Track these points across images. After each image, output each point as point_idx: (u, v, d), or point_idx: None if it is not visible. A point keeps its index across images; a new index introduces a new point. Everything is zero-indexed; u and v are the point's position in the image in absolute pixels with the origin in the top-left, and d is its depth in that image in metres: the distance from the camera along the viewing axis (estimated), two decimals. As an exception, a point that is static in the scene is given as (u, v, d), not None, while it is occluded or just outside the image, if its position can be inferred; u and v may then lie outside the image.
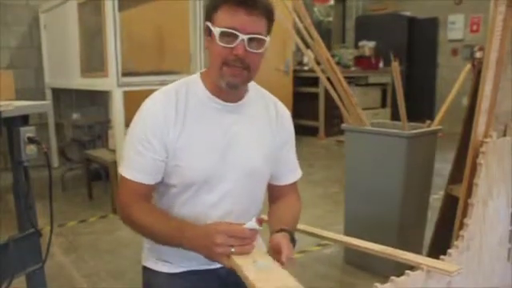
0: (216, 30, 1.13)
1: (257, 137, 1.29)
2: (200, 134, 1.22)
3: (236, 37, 1.12)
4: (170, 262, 1.33)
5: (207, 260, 1.23)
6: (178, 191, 1.25)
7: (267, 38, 1.16)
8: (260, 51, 1.16)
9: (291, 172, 1.41)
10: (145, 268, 1.39)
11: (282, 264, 1.07)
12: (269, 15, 1.16)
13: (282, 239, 1.14)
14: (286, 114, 1.40)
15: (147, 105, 1.23)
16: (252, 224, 1.06)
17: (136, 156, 1.21)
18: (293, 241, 1.19)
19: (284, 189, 1.40)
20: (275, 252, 1.11)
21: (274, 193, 1.42)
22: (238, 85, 1.20)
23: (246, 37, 1.12)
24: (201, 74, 1.29)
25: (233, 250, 1.06)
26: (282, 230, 1.19)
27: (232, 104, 1.25)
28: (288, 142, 1.38)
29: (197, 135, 1.21)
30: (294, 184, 1.43)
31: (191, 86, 1.26)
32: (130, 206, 1.21)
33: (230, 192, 1.26)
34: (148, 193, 1.24)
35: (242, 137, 1.26)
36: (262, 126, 1.31)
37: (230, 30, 1.12)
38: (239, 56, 1.13)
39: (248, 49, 1.13)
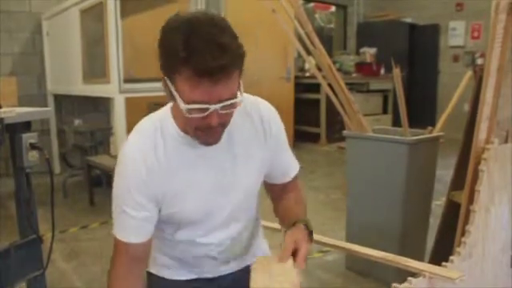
0: (181, 104, 0.98)
1: (246, 157, 1.21)
2: (190, 177, 1.15)
3: (206, 109, 0.98)
4: (173, 269, 1.32)
5: (210, 270, 1.25)
6: (173, 231, 1.24)
7: (241, 97, 1.02)
8: (234, 110, 1.04)
9: (287, 169, 1.36)
10: (149, 274, 1.37)
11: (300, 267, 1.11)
12: (239, 66, 1.00)
13: (299, 236, 1.16)
14: (272, 114, 1.27)
15: (126, 159, 1.12)
16: None
17: (125, 217, 1.13)
18: (310, 234, 1.21)
19: (283, 185, 1.37)
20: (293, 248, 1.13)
21: (275, 192, 1.38)
22: (215, 142, 1.10)
23: (217, 106, 0.98)
24: (171, 109, 1.16)
25: None
26: (297, 222, 1.20)
27: None
28: (278, 143, 1.30)
29: (187, 179, 1.14)
30: (294, 178, 1.38)
31: (164, 128, 1.14)
32: (117, 278, 1.16)
33: (228, 219, 1.24)
34: (140, 252, 1.17)
35: (233, 164, 1.19)
36: (249, 143, 1.22)
37: (198, 106, 0.98)
38: (213, 125, 1.02)
39: (221, 112, 1.00)
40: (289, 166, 1.36)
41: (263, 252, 1.41)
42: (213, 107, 0.98)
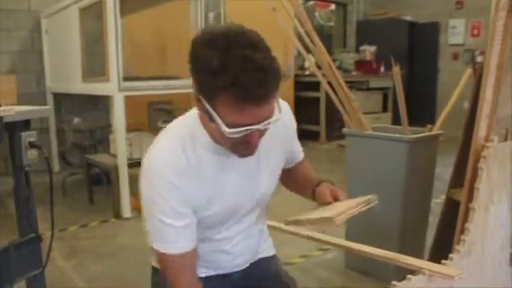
0: (222, 127, 0.97)
1: (268, 159, 1.24)
2: (217, 181, 1.15)
3: (248, 129, 0.98)
4: None
5: (221, 266, 1.25)
6: (203, 228, 1.23)
7: (280, 114, 1.03)
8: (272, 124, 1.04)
9: (297, 155, 1.43)
10: (156, 270, 1.36)
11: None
12: (279, 83, 0.98)
13: (331, 188, 1.30)
14: (287, 111, 1.29)
15: (157, 166, 1.09)
16: None
17: (168, 228, 1.10)
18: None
19: (294, 166, 1.44)
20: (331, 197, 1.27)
21: (285, 172, 1.40)
22: (253, 153, 1.10)
23: (260, 126, 0.99)
24: (201, 119, 1.12)
25: None
26: (319, 183, 1.33)
27: None
28: (292, 135, 1.35)
29: (215, 183, 1.14)
30: (302, 159, 1.46)
31: (195, 137, 1.12)
32: (176, 280, 1.15)
33: (245, 217, 1.28)
34: (192, 259, 1.17)
35: (254, 166, 1.21)
36: (271, 144, 1.22)
37: (241, 129, 0.97)
38: (254, 142, 1.03)
39: (262, 129, 1.01)
40: (298, 151, 1.44)
41: (269, 247, 1.45)
42: (255, 127, 0.98)
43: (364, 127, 2.51)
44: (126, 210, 3.64)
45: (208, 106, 0.99)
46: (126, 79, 3.57)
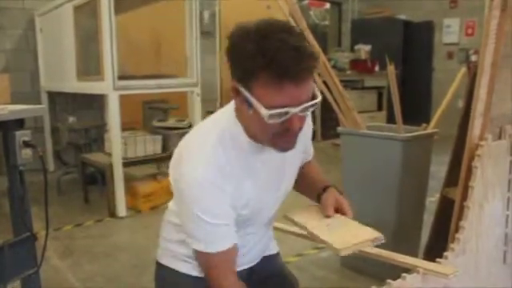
0: (262, 110, 0.97)
1: (292, 157, 1.25)
2: (253, 182, 1.16)
3: (287, 112, 0.98)
4: (191, 264, 1.29)
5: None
6: None
7: (320, 97, 1.03)
8: (312, 110, 1.05)
9: (310, 151, 1.46)
10: (160, 265, 1.35)
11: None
12: (316, 65, 1.00)
13: (337, 197, 1.30)
14: None
15: (203, 174, 1.07)
16: None
17: (212, 228, 1.10)
18: (340, 192, 1.32)
19: (303, 165, 1.44)
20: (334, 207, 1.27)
21: None
22: (292, 147, 1.10)
23: (298, 109, 0.99)
24: (237, 117, 1.12)
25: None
26: (325, 188, 1.32)
27: None
28: (310, 135, 1.38)
29: (252, 184, 1.16)
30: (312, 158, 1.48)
31: (234, 138, 1.12)
32: (223, 280, 1.16)
33: (260, 213, 1.27)
34: (235, 256, 1.18)
35: (281, 165, 1.23)
36: (297, 144, 1.20)
37: (281, 110, 0.97)
38: (293, 129, 1.02)
39: (300, 115, 1.02)
40: (310, 151, 1.46)
41: (274, 244, 1.48)
42: (294, 110, 0.98)
43: (359, 126, 2.51)
44: (121, 209, 3.63)
45: (246, 93, 1.00)
46: (120, 78, 3.56)
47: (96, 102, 5.39)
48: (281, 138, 1.05)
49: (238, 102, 1.07)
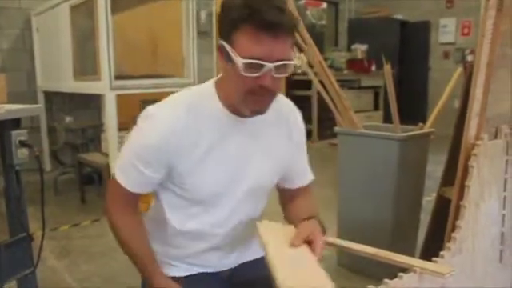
0: (238, 61, 1.02)
1: (269, 151, 1.25)
2: (212, 154, 1.16)
3: (261, 66, 1.02)
4: (174, 266, 1.32)
5: (212, 263, 1.26)
6: (187, 204, 1.24)
7: (295, 61, 1.08)
8: (286, 74, 1.09)
9: (303, 175, 1.40)
10: None
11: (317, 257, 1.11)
12: (294, 32, 1.07)
13: (314, 229, 1.17)
14: (299, 116, 1.35)
15: (152, 122, 1.14)
16: None
17: (133, 169, 1.16)
18: (323, 229, 1.23)
19: (298, 191, 1.39)
20: (306, 241, 1.15)
21: (287, 195, 1.40)
22: (262, 111, 1.13)
23: (272, 65, 1.03)
24: (216, 84, 1.19)
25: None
26: (309, 218, 1.22)
27: (245, 119, 1.17)
28: (300, 145, 1.36)
29: (208, 155, 1.16)
30: (308, 186, 1.41)
31: (205, 101, 1.16)
32: (116, 213, 1.23)
33: (237, 208, 1.26)
34: (137, 200, 1.24)
35: (255, 154, 1.23)
36: (275, 138, 1.26)
37: (255, 61, 1.02)
38: (265, 86, 1.05)
39: (274, 75, 1.05)
40: (305, 171, 1.40)
41: (257, 250, 1.42)
42: (268, 65, 1.02)
43: (355, 126, 2.51)
44: (118, 209, 3.61)
45: (227, 46, 1.05)
46: (117, 78, 3.55)
47: (93, 102, 5.38)
48: (253, 96, 1.07)
49: (221, 60, 1.11)
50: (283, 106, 1.30)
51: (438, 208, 2.32)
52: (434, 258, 1.54)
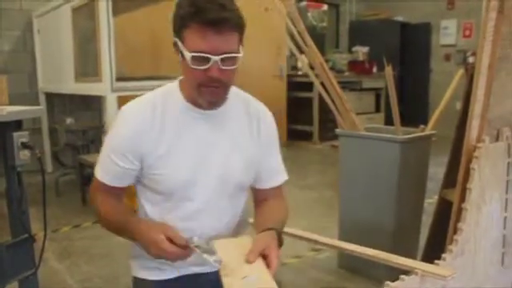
0: (186, 54, 1.11)
1: (235, 143, 1.28)
2: (178, 145, 1.22)
3: (208, 59, 1.10)
4: (160, 269, 1.32)
5: (197, 264, 1.24)
6: (161, 199, 1.28)
7: (240, 54, 1.15)
8: (234, 67, 1.15)
9: (275, 175, 1.39)
10: (135, 278, 1.39)
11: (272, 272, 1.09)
12: (239, 28, 1.14)
13: (270, 242, 1.14)
14: (268, 116, 1.38)
15: (122, 117, 1.24)
16: (198, 241, 1.14)
17: (109, 162, 1.25)
18: (280, 241, 1.20)
19: (268, 192, 1.39)
20: (262, 254, 1.12)
21: (258, 196, 1.41)
22: (217, 102, 1.22)
23: (218, 58, 1.10)
24: (179, 81, 1.28)
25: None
26: (269, 229, 1.19)
27: (210, 112, 1.25)
28: (270, 145, 1.37)
29: (175, 146, 1.22)
30: (279, 188, 1.41)
31: (169, 96, 1.26)
32: (96, 198, 1.30)
33: (210, 201, 1.27)
34: (117, 192, 1.29)
35: (220, 145, 1.26)
36: (241, 133, 1.30)
37: (201, 54, 1.10)
38: (214, 77, 1.13)
39: (222, 67, 1.12)
40: (277, 171, 1.40)
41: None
42: (214, 58, 1.10)
43: (357, 128, 2.51)
44: (119, 211, 3.61)
45: (178, 42, 1.15)
46: (118, 79, 3.56)
47: (94, 103, 5.38)
48: (206, 87, 1.15)
49: (176, 54, 1.19)
50: (253, 105, 1.35)
51: (439, 210, 2.31)
52: (435, 261, 1.54)
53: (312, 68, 2.67)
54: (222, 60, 1.11)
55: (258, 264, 1.10)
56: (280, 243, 1.20)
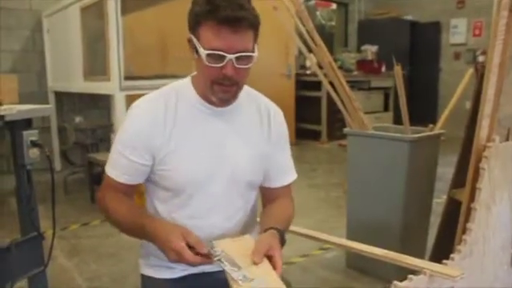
0: (202, 52, 1.12)
1: (246, 141, 1.28)
2: (189, 140, 1.22)
3: (223, 57, 1.11)
4: (168, 267, 1.31)
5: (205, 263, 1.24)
6: (170, 196, 1.27)
7: (255, 54, 1.15)
8: (248, 66, 1.15)
9: (284, 174, 1.39)
10: (143, 276, 1.38)
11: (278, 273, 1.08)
12: (255, 27, 1.14)
13: (273, 243, 1.13)
14: (279, 115, 1.38)
15: (135, 111, 1.24)
16: (216, 246, 1.12)
17: (121, 158, 1.23)
18: (282, 240, 1.19)
19: (277, 191, 1.39)
20: (266, 255, 1.11)
21: (267, 195, 1.40)
22: (229, 100, 1.21)
23: (233, 56, 1.11)
24: (192, 78, 1.29)
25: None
26: (272, 229, 1.19)
27: (222, 109, 1.25)
28: (280, 143, 1.37)
29: (186, 141, 1.22)
30: (288, 187, 1.40)
31: (181, 92, 1.26)
32: (105, 196, 1.27)
33: (221, 198, 1.27)
34: (127, 191, 1.28)
35: (231, 142, 1.26)
36: (252, 130, 1.31)
37: (217, 52, 1.10)
38: (228, 76, 1.13)
39: (236, 66, 1.12)
40: (286, 170, 1.40)
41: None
42: (230, 56, 1.10)
43: (365, 127, 2.51)
44: (128, 209, 3.63)
45: (194, 39, 1.15)
46: (127, 78, 3.57)
47: (103, 102, 5.41)
48: (219, 86, 1.16)
49: (191, 51, 1.19)
50: (263, 103, 1.36)
51: (448, 210, 2.30)
52: (444, 261, 1.53)
53: (320, 67, 2.67)
54: (237, 58, 1.11)
55: (263, 265, 1.10)
56: (282, 242, 1.19)
